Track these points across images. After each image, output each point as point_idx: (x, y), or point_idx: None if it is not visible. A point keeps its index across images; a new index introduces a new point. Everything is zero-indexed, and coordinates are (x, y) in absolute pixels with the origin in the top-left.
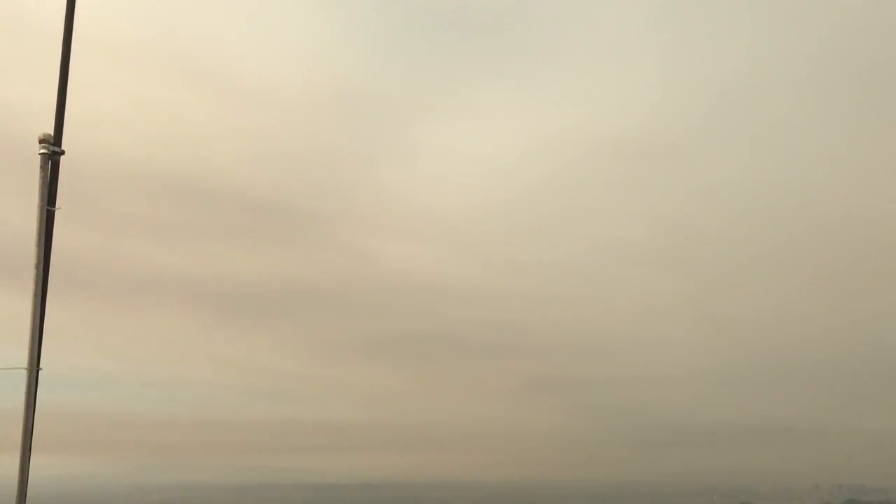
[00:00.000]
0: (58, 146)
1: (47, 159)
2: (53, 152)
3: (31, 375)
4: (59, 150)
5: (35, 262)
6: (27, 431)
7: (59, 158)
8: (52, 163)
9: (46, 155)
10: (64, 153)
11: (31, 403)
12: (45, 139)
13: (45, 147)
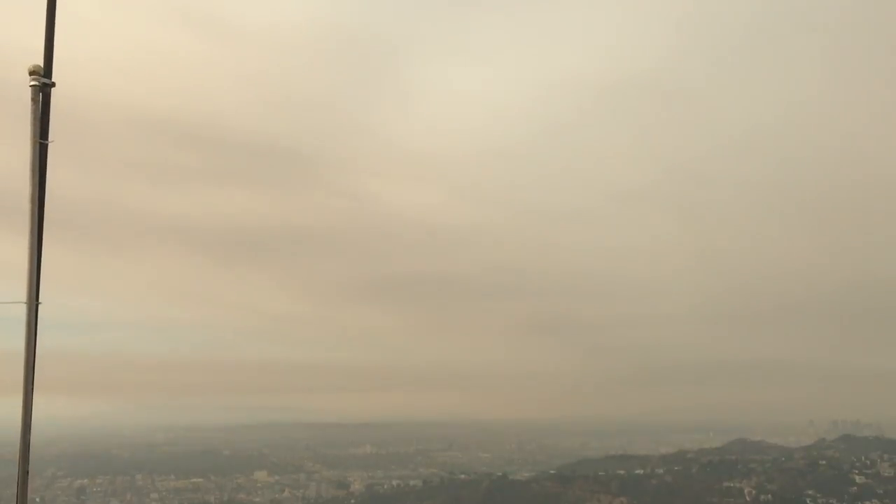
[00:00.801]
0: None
1: (38, 91)
2: (44, 84)
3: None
4: (50, 83)
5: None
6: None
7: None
8: (42, 95)
9: (37, 87)
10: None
11: (31, 338)
12: (35, 70)
13: (36, 79)
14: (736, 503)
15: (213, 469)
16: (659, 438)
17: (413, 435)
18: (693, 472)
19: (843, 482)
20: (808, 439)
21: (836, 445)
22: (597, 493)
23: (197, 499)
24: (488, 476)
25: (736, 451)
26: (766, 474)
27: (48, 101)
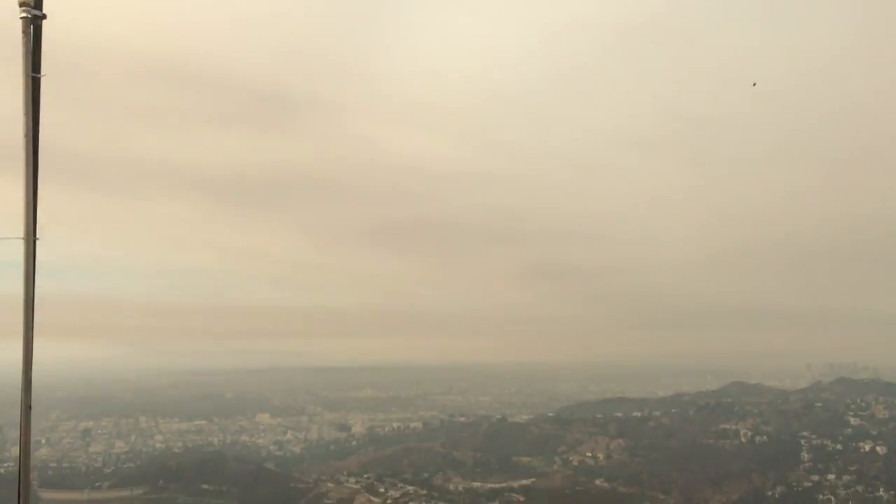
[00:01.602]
0: (38, 9)
1: (29, 24)
2: (35, 16)
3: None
4: (41, 14)
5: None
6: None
7: (41, 23)
8: (33, 27)
9: (28, 19)
10: (45, 17)
11: (30, 273)
12: (25, 2)
13: (26, 10)
14: (731, 444)
15: (216, 412)
16: (657, 382)
17: (413, 378)
18: (690, 415)
19: (838, 424)
20: (805, 382)
21: (831, 388)
22: (594, 435)
23: (201, 440)
24: (487, 418)
25: (733, 394)
26: (761, 416)
27: (39, 33)
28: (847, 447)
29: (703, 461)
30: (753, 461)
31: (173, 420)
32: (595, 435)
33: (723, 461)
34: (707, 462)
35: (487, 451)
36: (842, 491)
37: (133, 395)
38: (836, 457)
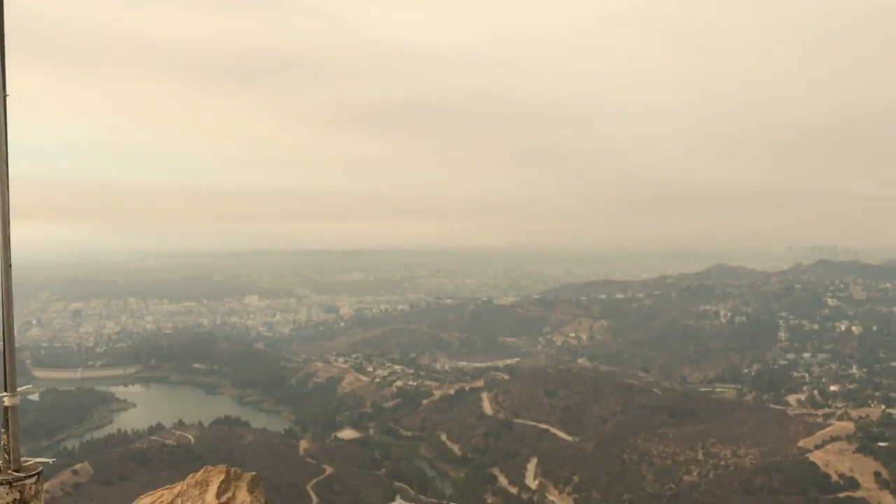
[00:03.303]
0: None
1: None
2: None
3: None
4: None
5: None
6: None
7: None
8: None
9: None
10: None
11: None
12: None
13: None
14: (711, 325)
15: (205, 294)
16: (640, 265)
17: (400, 262)
18: (672, 297)
19: (816, 305)
20: (786, 264)
21: (812, 270)
22: (578, 317)
23: (191, 321)
24: (473, 300)
25: (714, 277)
26: (742, 298)
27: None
28: (824, 327)
29: (683, 341)
30: (732, 340)
31: (163, 301)
32: (579, 316)
33: (702, 341)
34: (687, 341)
35: (473, 332)
36: (816, 368)
37: (122, 277)
38: (812, 336)
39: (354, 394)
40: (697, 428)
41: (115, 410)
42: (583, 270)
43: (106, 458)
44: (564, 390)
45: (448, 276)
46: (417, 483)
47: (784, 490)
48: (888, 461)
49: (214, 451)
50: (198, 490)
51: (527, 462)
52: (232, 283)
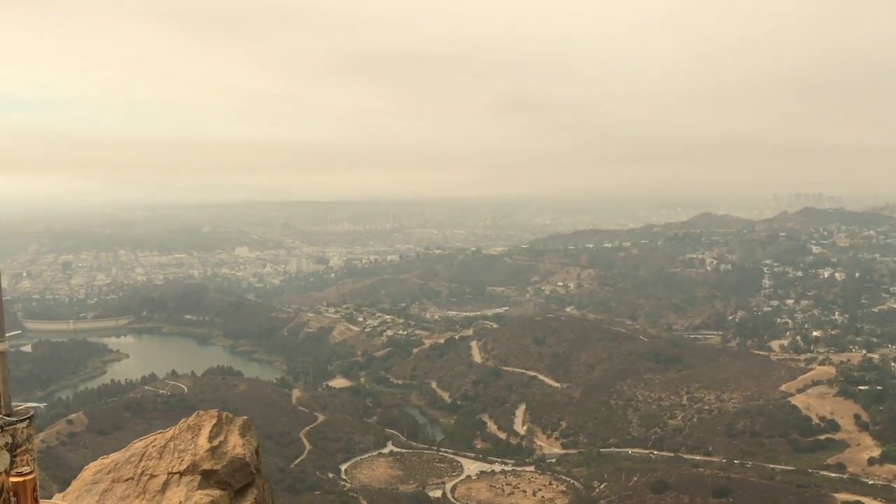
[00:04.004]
0: None
1: None
2: None
3: None
4: None
5: None
6: None
7: None
8: None
9: None
10: None
11: None
12: None
13: None
14: (697, 273)
15: (194, 245)
16: (628, 214)
17: (389, 212)
18: (658, 245)
19: (801, 252)
20: (771, 213)
21: (796, 218)
22: (566, 266)
23: (181, 273)
24: (462, 251)
25: (701, 225)
26: (727, 246)
27: None
28: (807, 274)
29: (669, 289)
30: (717, 288)
31: (152, 253)
32: (567, 265)
33: (688, 288)
34: (673, 289)
35: (462, 282)
36: (799, 315)
37: (111, 230)
38: (796, 283)
39: (345, 343)
40: (682, 374)
41: (108, 361)
42: (571, 220)
43: (100, 407)
44: (552, 338)
45: (437, 227)
46: (408, 430)
47: (766, 433)
48: (868, 404)
49: (208, 400)
50: (190, 434)
51: (515, 408)
52: (221, 235)
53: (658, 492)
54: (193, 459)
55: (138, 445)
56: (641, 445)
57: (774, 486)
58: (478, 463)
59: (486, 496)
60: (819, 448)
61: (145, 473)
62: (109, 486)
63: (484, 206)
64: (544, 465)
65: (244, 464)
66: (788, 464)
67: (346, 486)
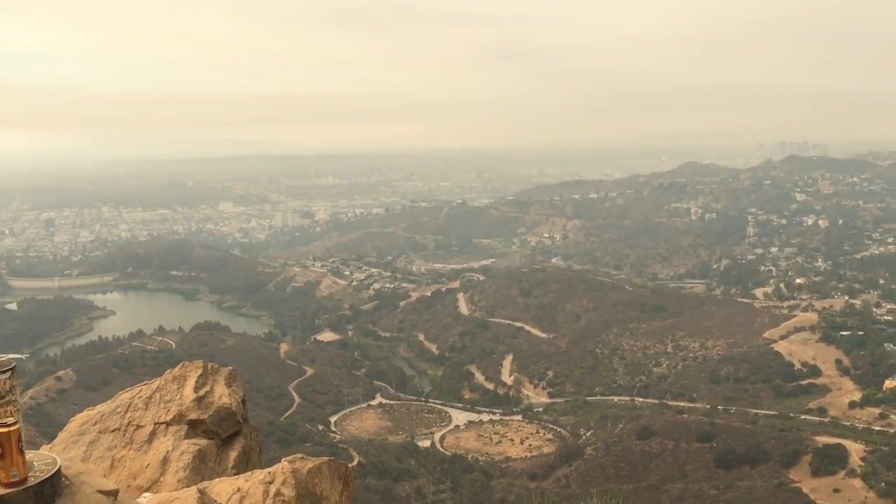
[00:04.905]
0: None
1: None
2: None
3: None
4: None
5: None
6: None
7: None
8: None
9: None
10: None
11: None
12: None
13: None
14: (682, 222)
15: (178, 201)
16: (613, 164)
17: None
18: (644, 195)
19: (785, 200)
20: (756, 161)
21: (781, 166)
22: (552, 217)
23: (165, 229)
24: (448, 203)
25: (686, 174)
26: (712, 195)
27: None
28: (791, 222)
29: (655, 238)
30: (702, 237)
31: (136, 209)
32: (552, 216)
33: (673, 238)
34: (658, 239)
35: (448, 235)
36: (783, 262)
37: (93, 186)
38: (780, 231)
39: (332, 297)
40: (667, 322)
41: (94, 318)
42: (556, 171)
43: (88, 364)
44: (538, 289)
45: (422, 179)
46: (396, 382)
47: (749, 379)
48: (849, 349)
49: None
50: (175, 385)
51: (502, 359)
52: (205, 190)
53: (643, 438)
54: (180, 409)
55: (124, 397)
56: (627, 393)
57: (757, 430)
58: (466, 413)
59: (475, 445)
60: (801, 393)
61: (132, 424)
62: (96, 437)
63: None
64: (531, 414)
65: (230, 413)
66: (771, 409)
67: (336, 437)
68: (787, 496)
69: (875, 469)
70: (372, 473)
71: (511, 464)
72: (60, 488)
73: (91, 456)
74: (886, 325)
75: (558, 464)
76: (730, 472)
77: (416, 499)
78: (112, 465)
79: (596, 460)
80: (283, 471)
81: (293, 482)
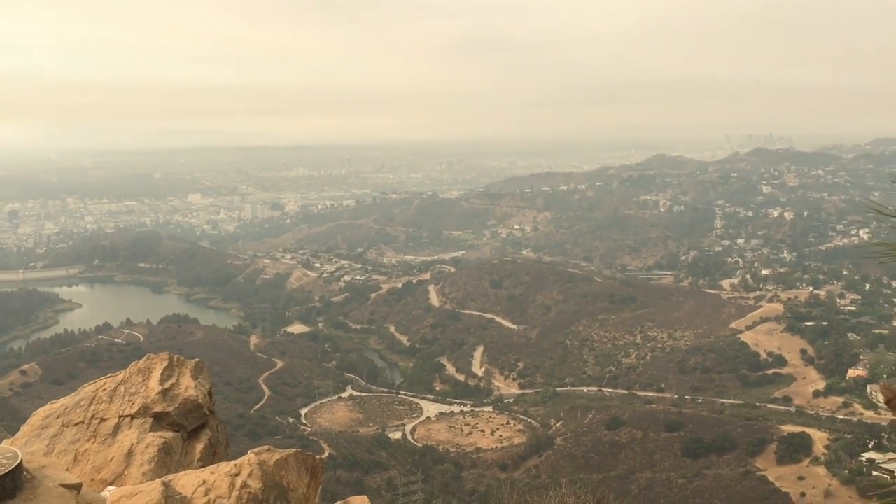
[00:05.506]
0: None
1: None
2: None
3: None
4: None
5: None
6: None
7: None
8: None
9: None
10: None
11: None
12: None
13: None
14: (651, 214)
15: (145, 192)
16: (583, 156)
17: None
18: (613, 187)
19: (751, 192)
20: (724, 153)
21: (747, 159)
22: (522, 209)
23: (133, 220)
24: (419, 195)
25: (655, 167)
26: (680, 187)
27: None
28: (757, 214)
29: (624, 230)
30: (670, 229)
31: (102, 201)
32: (523, 208)
33: (642, 230)
34: (627, 231)
35: (419, 226)
36: (749, 254)
37: (57, 177)
38: (746, 223)
39: (303, 289)
40: (636, 313)
41: (60, 311)
42: (526, 163)
43: (54, 357)
44: (509, 281)
45: (393, 171)
46: (367, 373)
47: (716, 369)
48: (814, 339)
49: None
50: (141, 377)
51: (473, 350)
52: (173, 182)
53: (612, 428)
54: (145, 402)
55: (88, 389)
56: (596, 384)
57: (724, 419)
58: (437, 405)
59: (446, 436)
60: (767, 382)
61: (96, 417)
62: (59, 431)
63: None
64: (502, 405)
65: (197, 405)
66: (737, 398)
67: (307, 430)
68: (753, 484)
69: (838, 457)
70: (343, 465)
71: (482, 455)
72: (22, 482)
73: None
74: (850, 316)
75: (528, 454)
76: (697, 460)
77: (386, 490)
78: (75, 459)
79: (566, 450)
80: (250, 463)
81: (259, 474)
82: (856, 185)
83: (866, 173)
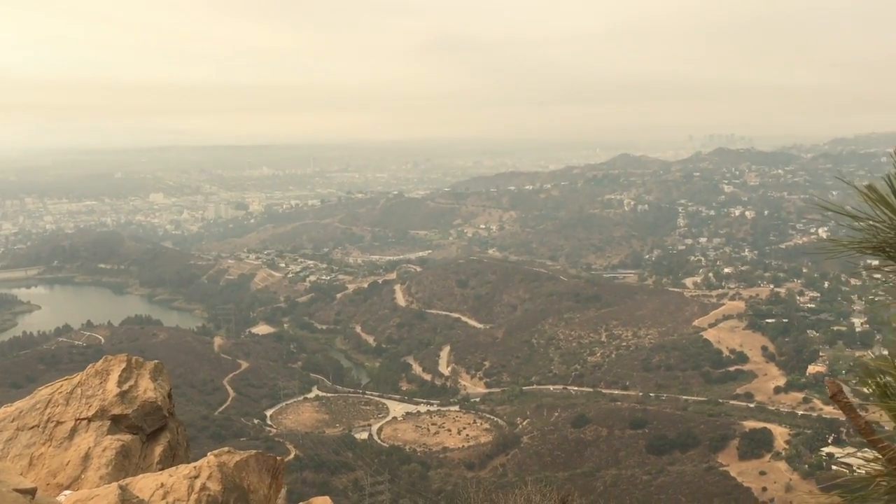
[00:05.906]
0: None
1: None
2: None
3: None
4: None
5: None
6: None
7: None
8: None
9: None
10: None
11: None
12: None
13: None
14: (615, 213)
15: (106, 192)
16: (548, 156)
17: (309, 156)
18: (578, 187)
19: (713, 191)
20: (686, 153)
21: (710, 158)
22: (488, 208)
23: (93, 221)
24: (385, 194)
25: (619, 166)
26: (644, 186)
27: None
28: (719, 213)
29: (589, 229)
30: (634, 228)
31: (62, 200)
32: (489, 208)
33: (606, 229)
34: (592, 230)
35: (385, 226)
36: (712, 252)
37: (16, 176)
38: (709, 222)
39: (268, 290)
40: (601, 312)
41: (18, 313)
42: (492, 162)
43: (12, 360)
44: (475, 280)
45: (358, 171)
46: (333, 374)
47: (680, 366)
48: (774, 336)
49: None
50: (98, 379)
51: (440, 350)
52: (135, 181)
53: (578, 426)
54: (102, 405)
55: (44, 392)
56: (562, 382)
57: (687, 416)
58: (403, 404)
59: (412, 436)
60: (729, 379)
61: (51, 420)
62: (14, 435)
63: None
64: (468, 404)
65: (156, 407)
66: (701, 395)
67: (272, 431)
68: (715, 479)
69: (799, 452)
70: (309, 467)
71: (448, 454)
72: None
73: (8, 454)
74: (809, 313)
75: (495, 453)
76: (661, 457)
77: (353, 491)
78: (31, 463)
79: (532, 449)
80: (209, 465)
81: (219, 476)
82: (815, 184)
83: (825, 173)
